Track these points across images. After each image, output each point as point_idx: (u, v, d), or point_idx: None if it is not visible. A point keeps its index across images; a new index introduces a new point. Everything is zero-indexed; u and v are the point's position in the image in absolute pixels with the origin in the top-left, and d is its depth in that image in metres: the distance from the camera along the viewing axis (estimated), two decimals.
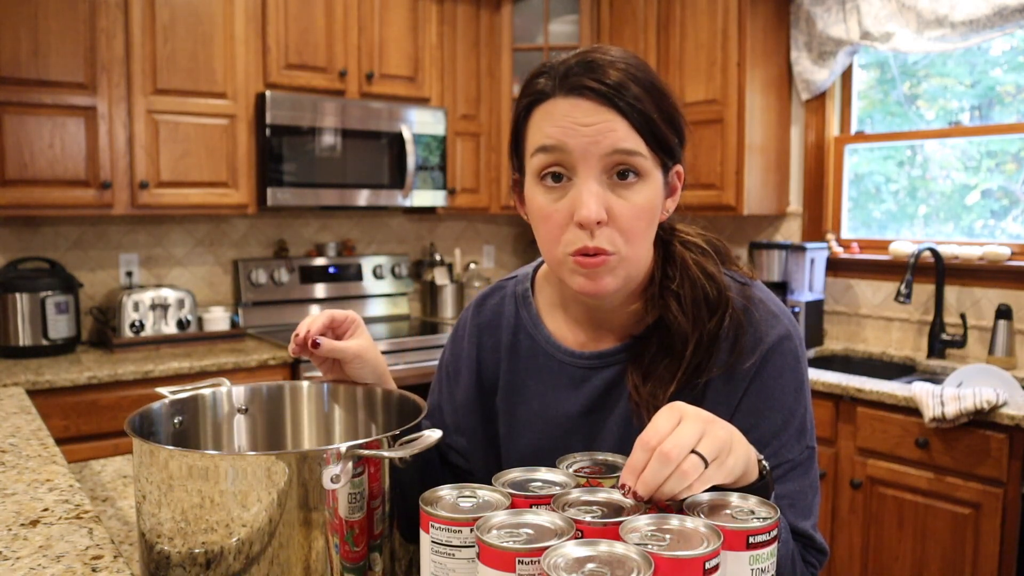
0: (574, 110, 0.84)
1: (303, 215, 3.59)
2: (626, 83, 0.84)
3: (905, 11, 2.90)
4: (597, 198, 0.84)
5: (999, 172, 2.92)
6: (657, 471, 0.69)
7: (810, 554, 0.92)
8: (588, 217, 0.83)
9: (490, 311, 1.09)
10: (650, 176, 0.86)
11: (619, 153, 0.84)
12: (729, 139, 3.17)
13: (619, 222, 0.85)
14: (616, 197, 0.85)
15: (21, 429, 1.65)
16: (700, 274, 0.93)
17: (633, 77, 0.85)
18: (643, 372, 0.94)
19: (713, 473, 0.71)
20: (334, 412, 1.06)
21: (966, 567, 2.29)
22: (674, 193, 0.93)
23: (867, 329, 3.18)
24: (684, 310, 0.92)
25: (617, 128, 0.83)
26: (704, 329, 0.92)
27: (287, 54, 3.13)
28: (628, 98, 0.83)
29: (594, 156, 0.84)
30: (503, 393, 1.06)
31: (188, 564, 0.77)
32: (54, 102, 2.70)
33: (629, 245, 0.86)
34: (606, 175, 0.85)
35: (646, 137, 0.85)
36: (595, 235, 0.85)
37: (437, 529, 0.69)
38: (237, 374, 2.79)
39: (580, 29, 3.61)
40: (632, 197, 0.85)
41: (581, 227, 0.84)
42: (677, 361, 0.92)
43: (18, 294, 2.76)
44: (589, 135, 0.83)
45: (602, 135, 0.83)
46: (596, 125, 0.83)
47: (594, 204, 0.83)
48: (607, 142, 0.83)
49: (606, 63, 0.85)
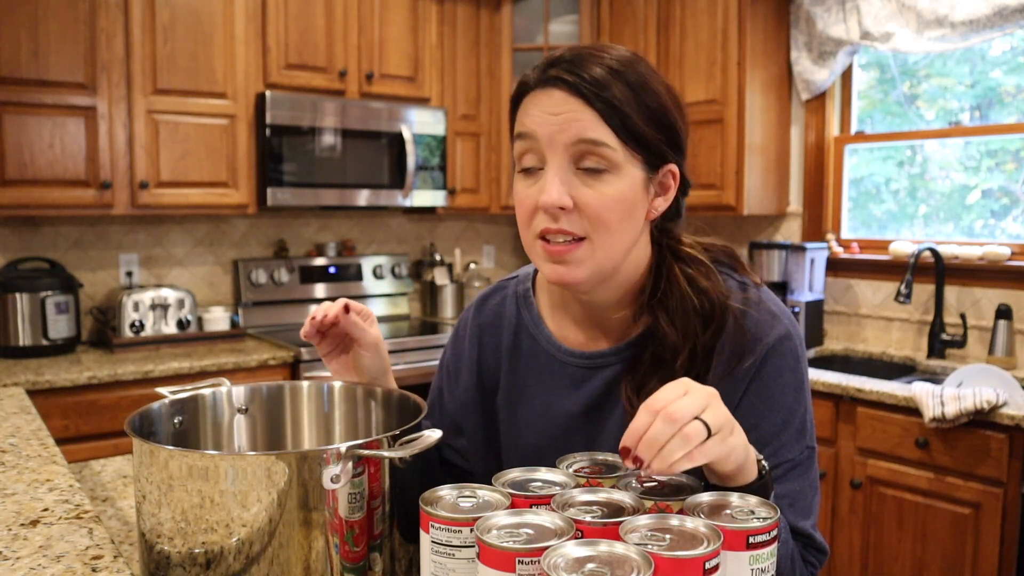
0: (547, 100, 0.87)
1: (303, 215, 3.59)
2: (602, 77, 0.85)
3: (905, 11, 2.90)
4: (560, 185, 0.86)
5: (999, 172, 2.92)
6: (660, 431, 0.70)
7: (810, 554, 0.92)
8: (546, 201, 0.86)
9: (491, 311, 1.09)
10: (623, 170, 0.87)
11: (584, 143, 0.85)
12: (729, 139, 3.17)
13: (586, 211, 0.87)
14: (584, 187, 0.87)
15: (21, 429, 1.65)
16: (689, 288, 0.92)
17: (615, 72, 0.86)
18: (637, 385, 0.93)
19: (714, 445, 0.72)
20: (334, 412, 1.06)
21: (966, 567, 2.29)
22: (666, 192, 0.93)
23: (867, 329, 3.18)
24: (673, 322, 0.92)
25: (583, 118, 0.85)
26: (697, 341, 0.92)
27: (287, 54, 3.13)
28: (598, 90, 0.85)
29: (560, 144, 0.86)
30: (504, 393, 1.06)
31: (188, 564, 0.77)
32: (54, 102, 2.70)
33: (598, 233, 0.87)
34: (574, 164, 0.87)
35: (618, 132, 0.85)
36: (559, 220, 0.87)
37: (437, 529, 0.69)
38: (237, 374, 2.79)
39: (580, 29, 3.61)
40: (600, 188, 0.86)
41: (546, 212, 0.87)
42: (669, 373, 0.91)
43: (18, 294, 2.76)
44: (556, 124, 0.86)
45: (568, 124, 0.85)
46: (563, 115, 0.86)
47: (555, 190, 0.86)
48: (572, 131, 0.85)
49: (590, 57, 0.87)
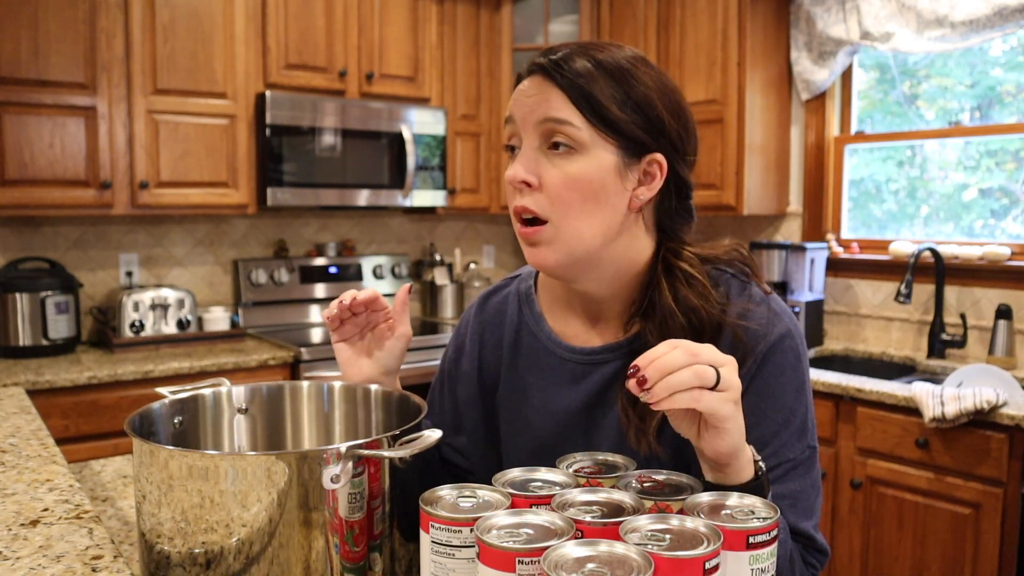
0: (526, 84, 0.92)
1: (303, 215, 3.59)
2: (578, 63, 0.89)
3: (905, 11, 2.90)
4: (526, 162, 0.90)
5: (999, 172, 2.92)
6: (676, 358, 0.71)
7: (810, 555, 0.92)
8: (512, 176, 0.90)
9: (493, 309, 1.10)
10: (588, 151, 0.89)
11: (549, 121, 0.89)
12: (729, 139, 3.17)
13: (548, 189, 0.89)
14: (549, 164, 0.90)
15: (21, 429, 1.65)
16: (674, 306, 0.91)
17: (593, 59, 0.89)
18: (632, 397, 0.92)
19: (718, 400, 0.72)
20: (334, 412, 1.06)
21: (966, 567, 2.29)
22: (650, 182, 0.92)
23: (867, 329, 3.18)
24: (661, 338, 0.90)
25: (551, 99, 0.89)
26: None
27: (287, 54, 3.13)
28: (569, 74, 0.88)
29: (530, 123, 0.90)
30: (504, 390, 1.06)
31: (188, 564, 0.77)
32: (54, 102, 2.70)
33: (559, 214, 0.89)
34: (544, 143, 0.90)
35: (584, 111, 0.88)
36: (523, 197, 0.90)
37: (437, 529, 0.69)
38: (237, 374, 2.79)
39: (580, 29, 3.61)
40: (564, 166, 0.89)
41: (514, 187, 0.91)
42: None
43: (18, 294, 2.76)
44: (528, 105, 0.90)
45: (538, 104, 0.89)
46: (535, 96, 0.90)
47: (521, 167, 0.90)
48: (541, 110, 0.89)
49: (579, 50, 0.90)
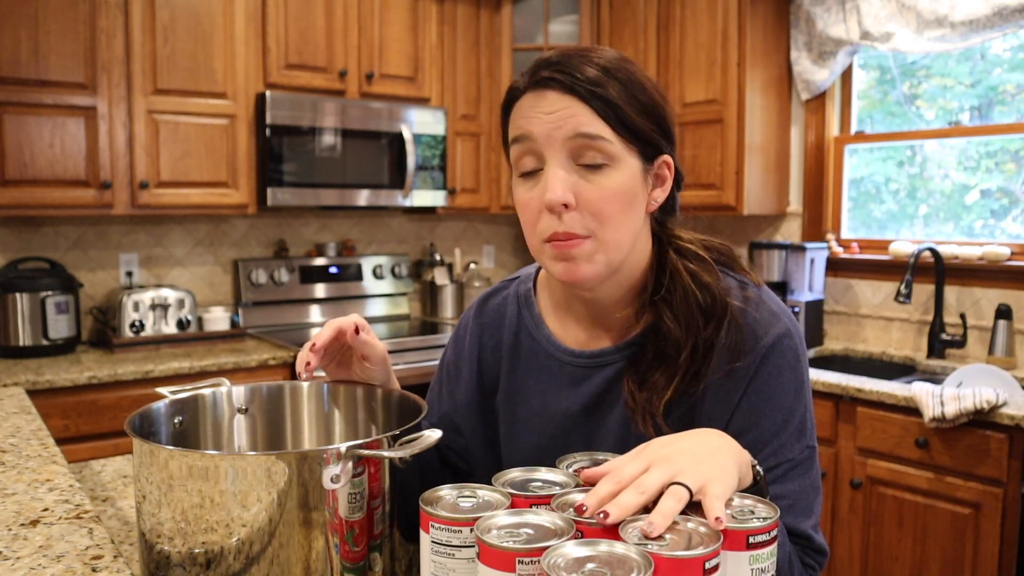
0: (540, 101, 0.88)
1: (303, 215, 3.59)
2: (592, 73, 0.86)
3: (905, 11, 2.90)
4: (562, 182, 0.86)
5: (999, 172, 2.92)
6: (634, 499, 0.68)
7: (808, 555, 0.91)
8: (552, 200, 0.86)
9: (492, 311, 1.10)
10: (621, 162, 0.87)
11: (581, 137, 0.86)
12: (729, 139, 3.17)
13: (589, 206, 0.87)
14: (585, 182, 0.87)
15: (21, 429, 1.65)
16: (692, 283, 0.93)
17: (603, 69, 0.87)
18: (639, 379, 0.93)
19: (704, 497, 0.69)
20: (334, 412, 1.06)
21: (966, 567, 2.29)
22: (663, 184, 0.93)
23: (867, 329, 3.18)
24: (677, 318, 0.92)
25: (578, 114, 0.86)
26: (699, 336, 0.92)
27: (287, 54, 3.13)
28: (590, 86, 0.86)
29: (557, 141, 0.86)
30: (504, 393, 1.06)
31: (188, 564, 0.77)
32: (54, 102, 2.70)
33: (602, 228, 0.87)
34: (573, 161, 0.87)
35: (612, 123, 0.86)
36: (563, 219, 0.87)
37: (437, 529, 0.69)
38: (237, 374, 2.79)
39: (580, 29, 3.61)
40: (600, 181, 0.87)
41: (551, 211, 0.87)
42: (672, 368, 0.92)
43: (18, 294, 2.76)
44: (552, 121, 0.86)
45: (563, 120, 0.86)
46: (558, 112, 0.86)
47: (559, 187, 0.86)
48: (568, 126, 0.86)
49: (578, 58, 0.88)
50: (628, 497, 0.68)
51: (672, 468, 0.70)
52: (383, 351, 1.02)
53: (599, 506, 0.67)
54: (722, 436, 0.77)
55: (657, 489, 0.68)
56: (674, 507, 0.66)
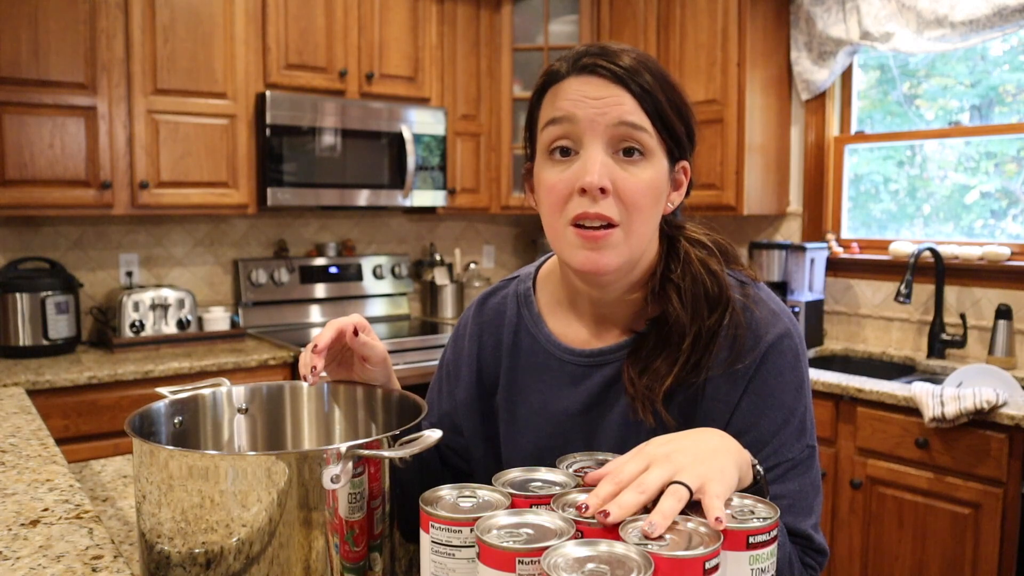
0: (585, 86, 0.88)
1: (303, 215, 3.59)
2: (637, 68, 0.88)
3: (905, 11, 2.90)
4: (602, 166, 0.87)
5: (998, 172, 2.92)
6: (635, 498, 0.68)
7: (808, 555, 0.91)
8: (591, 183, 0.86)
9: (492, 310, 1.09)
10: (655, 157, 0.89)
11: (625, 125, 0.87)
12: (729, 139, 3.17)
13: (623, 195, 0.87)
14: (621, 171, 0.88)
15: (21, 429, 1.65)
16: (702, 270, 0.94)
17: (644, 65, 0.89)
18: (640, 365, 0.94)
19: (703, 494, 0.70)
20: (334, 412, 1.06)
21: (966, 567, 2.29)
22: (679, 188, 0.95)
23: (867, 329, 3.18)
24: (684, 303, 0.93)
25: (625, 103, 0.87)
26: (703, 324, 0.92)
27: (287, 54, 3.13)
28: (639, 80, 0.88)
29: (601, 126, 0.87)
30: (503, 392, 1.06)
31: (188, 564, 0.77)
32: (54, 102, 2.70)
33: (632, 219, 0.88)
34: (612, 149, 0.88)
35: (652, 118, 0.88)
36: (597, 203, 0.87)
37: (437, 529, 0.69)
38: (237, 374, 2.79)
39: (580, 29, 3.61)
40: (637, 173, 0.88)
41: (584, 194, 0.87)
42: (674, 355, 0.92)
43: (18, 294, 2.76)
44: (597, 107, 0.87)
45: (610, 107, 0.87)
46: (605, 99, 0.87)
47: (597, 171, 0.86)
48: (614, 113, 0.87)
49: (620, 51, 0.90)
50: (628, 497, 0.68)
51: (672, 467, 0.70)
52: (383, 352, 1.02)
53: (600, 506, 0.67)
54: (722, 436, 0.77)
55: (657, 488, 0.69)
56: (674, 507, 0.66)
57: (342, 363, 1.04)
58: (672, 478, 0.69)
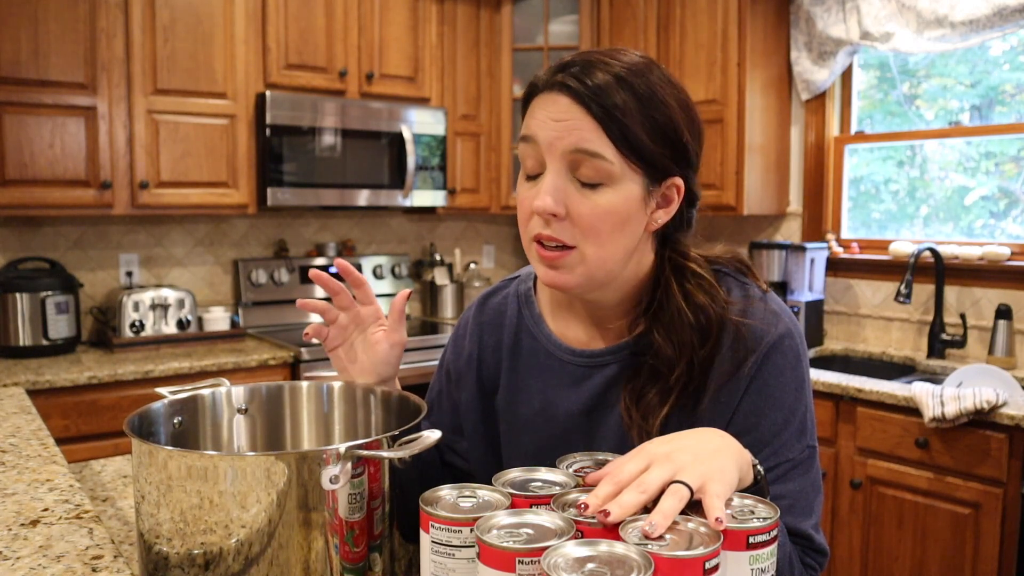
0: (551, 105, 0.87)
1: (303, 215, 3.59)
2: (609, 87, 0.84)
3: (905, 11, 2.90)
4: (555, 192, 0.86)
5: (998, 173, 2.92)
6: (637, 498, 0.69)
7: (809, 556, 0.91)
8: (540, 207, 0.86)
9: (492, 310, 1.09)
10: (619, 182, 0.86)
11: (579, 153, 0.85)
12: (729, 139, 3.17)
13: (579, 220, 0.87)
14: (579, 195, 0.87)
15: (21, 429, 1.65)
16: (684, 304, 0.92)
17: (622, 80, 0.85)
18: (636, 396, 0.93)
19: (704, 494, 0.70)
20: (334, 412, 1.06)
21: (966, 567, 2.29)
22: (668, 205, 0.91)
23: (867, 329, 3.18)
24: (669, 336, 0.92)
25: (583, 128, 0.84)
26: (695, 355, 0.91)
27: (287, 54, 3.13)
28: (603, 102, 0.84)
29: (557, 151, 0.86)
30: (504, 392, 1.05)
31: (187, 565, 0.77)
32: (54, 102, 2.70)
33: (588, 243, 0.87)
34: (571, 173, 0.87)
35: (617, 142, 0.85)
36: (551, 225, 0.87)
37: (437, 529, 0.69)
38: (237, 374, 2.79)
39: (580, 29, 3.61)
40: (594, 199, 0.86)
41: (540, 216, 0.88)
42: (666, 387, 0.92)
43: (18, 294, 2.76)
44: (556, 131, 0.86)
45: (567, 132, 0.85)
46: (565, 122, 0.85)
47: (549, 197, 0.86)
48: (570, 139, 0.85)
49: (599, 64, 0.86)
50: (629, 496, 0.68)
51: (672, 466, 0.70)
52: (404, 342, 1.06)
53: (600, 506, 0.67)
54: (723, 435, 0.77)
55: (658, 488, 0.69)
56: (675, 506, 0.66)
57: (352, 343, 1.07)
58: (673, 478, 0.69)
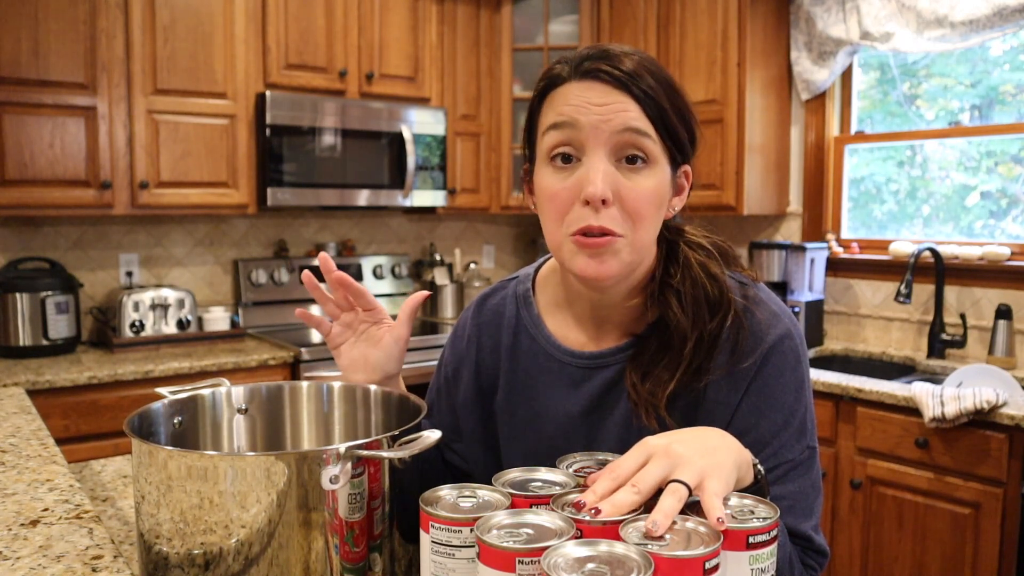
0: (588, 91, 0.86)
1: (303, 215, 3.59)
2: (641, 72, 0.86)
3: (905, 11, 2.90)
4: (605, 176, 0.85)
5: (998, 173, 2.92)
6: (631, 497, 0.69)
7: (809, 556, 0.91)
8: (594, 194, 0.84)
9: (491, 311, 1.09)
10: (658, 164, 0.88)
11: (630, 132, 0.85)
12: (729, 139, 3.17)
13: (626, 204, 0.86)
14: (624, 179, 0.86)
15: (21, 429, 1.65)
16: (702, 274, 0.93)
17: (648, 69, 0.87)
18: (642, 371, 0.93)
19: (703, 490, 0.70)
20: (334, 412, 1.06)
21: (966, 567, 2.29)
22: (681, 192, 0.94)
23: (867, 329, 3.18)
24: (684, 308, 0.92)
25: (629, 108, 0.85)
26: (704, 329, 0.92)
27: (287, 54, 3.13)
28: (642, 85, 0.86)
29: (604, 133, 0.85)
30: (503, 394, 1.05)
31: (187, 565, 0.77)
32: (54, 102, 2.70)
33: (635, 228, 0.87)
34: (615, 157, 0.86)
35: (656, 125, 0.86)
36: (601, 214, 0.85)
37: (437, 529, 0.69)
38: (237, 374, 2.79)
39: (580, 29, 3.61)
40: (641, 181, 0.86)
41: (587, 204, 0.85)
42: (676, 360, 0.92)
43: (18, 294, 2.76)
44: (601, 113, 0.85)
45: (614, 114, 0.85)
46: (609, 105, 0.85)
47: (600, 181, 0.84)
48: (619, 120, 0.85)
49: (621, 54, 0.88)
50: (623, 495, 0.68)
51: (670, 462, 0.70)
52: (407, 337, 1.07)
53: (596, 502, 0.68)
54: (723, 435, 0.77)
55: (653, 486, 0.69)
56: (675, 506, 0.66)
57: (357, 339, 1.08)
58: (670, 475, 0.69)
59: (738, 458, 0.75)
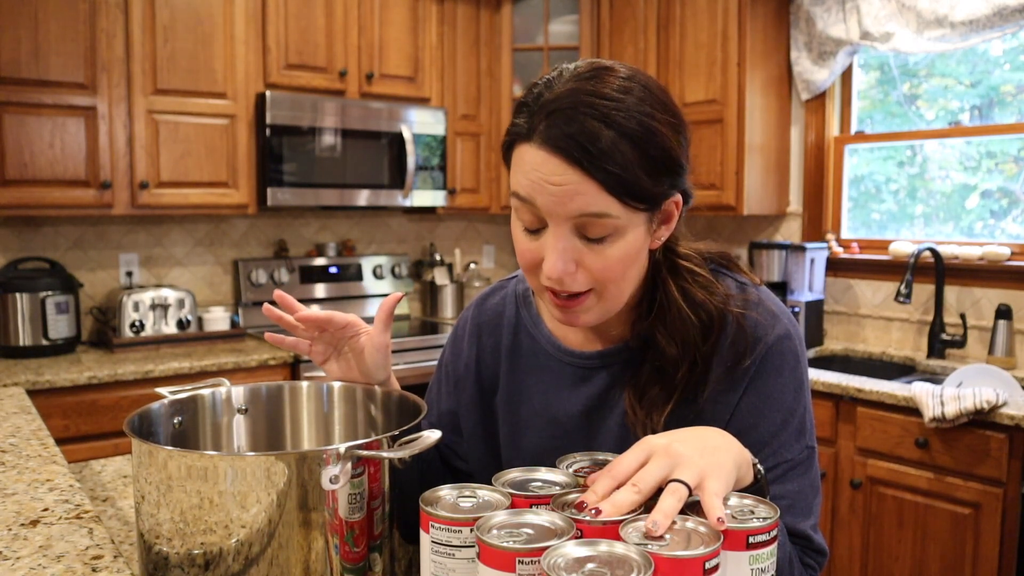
0: (545, 164, 0.80)
1: (303, 215, 3.59)
2: (601, 137, 0.78)
3: (905, 11, 2.90)
4: (563, 254, 0.83)
5: (999, 172, 2.92)
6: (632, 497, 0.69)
7: (808, 556, 0.91)
8: (551, 274, 0.84)
9: (491, 311, 1.09)
10: (625, 230, 0.83)
11: (586, 216, 0.81)
12: (729, 139, 3.17)
13: (593, 272, 0.84)
14: (588, 251, 0.83)
15: (21, 429, 1.65)
16: (684, 303, 0.92)
17: (615, 125, 0.79)
18: (638, 394, 0.93)
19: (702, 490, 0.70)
20: (334, 412, 1.06)
21: (966, 567, 2.29)
22: (669, 221, 0.90)
23: (867, 329, 3.18)
24: (672, 336, 0.92)
25: (585, 192, 0.79)
26: (698, 352, 0.91)
27: (287, 54, 3.13)
28: (601, 159, 0.78)
29: (561, 216, 0.81)
30: (504, 393, 1.05)
31: (187, 565, 0.77)
32: (54, 102, 2.70)
33: (605, 286, 0.86)
34: (577, 232, 0.83)
35: (620, 196, 0.80)
36: (564, 283, 0.85)
37: (437, 529, 0.69)
38: (237, 374, 2.79)
39: (580, 29, 3.61)
40: (605, 252, 0.83)
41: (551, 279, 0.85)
42: (671, 384, 0.92)
43: (18, 294, 2.76)
44: (556, 195, 0.80)
45: (569, 197, 0.80)
46: (564, 186, 0.80)
47: (560, 263, 0.83)
48: (573, 205, 0.80)
49: (585, 106, 0.79)
50: (623, 495, 0.68)
51: (670, 461, 0.70)
52: (387, 344, 1.03)
53: (596, 502, 0.68)
54: (723, 434, 0.77)
55: (653, 486, 0.69)
56: (675, 505, 0.66)
57: (340, 352, 1.05)
58: (669, 475, 0.69)
59: (738, 458, 0.75)
